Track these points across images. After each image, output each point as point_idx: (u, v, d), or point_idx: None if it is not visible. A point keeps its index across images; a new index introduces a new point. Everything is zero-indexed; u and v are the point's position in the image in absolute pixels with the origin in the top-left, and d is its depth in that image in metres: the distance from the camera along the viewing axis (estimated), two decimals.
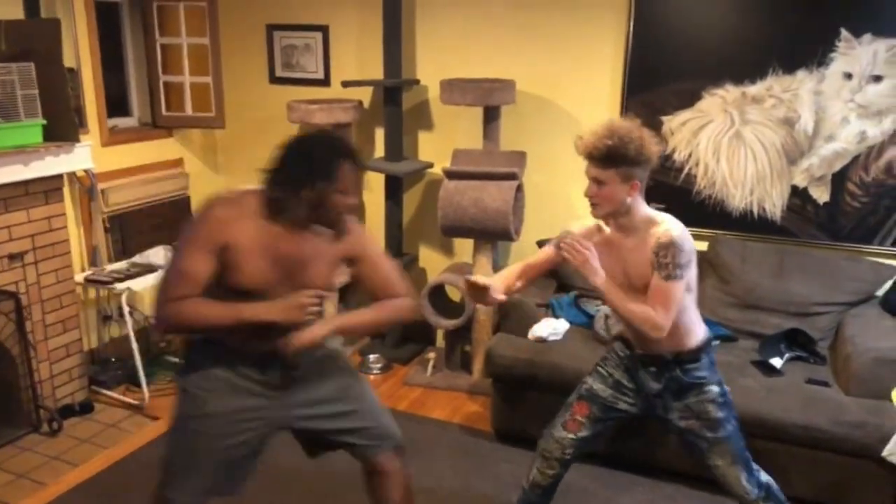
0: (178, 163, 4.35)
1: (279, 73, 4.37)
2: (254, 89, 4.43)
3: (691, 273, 2.13)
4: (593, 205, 2.15)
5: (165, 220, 4.18)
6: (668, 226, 2.10)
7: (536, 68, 3.77)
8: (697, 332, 2.23)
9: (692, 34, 3.43)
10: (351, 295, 4.02)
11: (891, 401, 2.71)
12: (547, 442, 2.40)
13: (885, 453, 2.61)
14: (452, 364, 3.92)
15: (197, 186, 4.41)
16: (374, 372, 3.97)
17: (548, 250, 2.34)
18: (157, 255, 3.74)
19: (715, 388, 2.22)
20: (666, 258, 2.06)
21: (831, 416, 2.68)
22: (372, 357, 4.04)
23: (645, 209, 2.17)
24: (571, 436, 2.36)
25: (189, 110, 4.23)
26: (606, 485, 2.95)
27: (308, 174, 1.88)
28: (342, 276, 2.30)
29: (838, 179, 3.33)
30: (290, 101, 3.94)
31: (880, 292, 3.23)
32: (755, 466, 2.29)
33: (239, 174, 4.58)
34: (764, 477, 2.30)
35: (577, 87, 3.70)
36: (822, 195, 3.38)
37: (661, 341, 2.15)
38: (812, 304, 3.21)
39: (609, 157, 2.07)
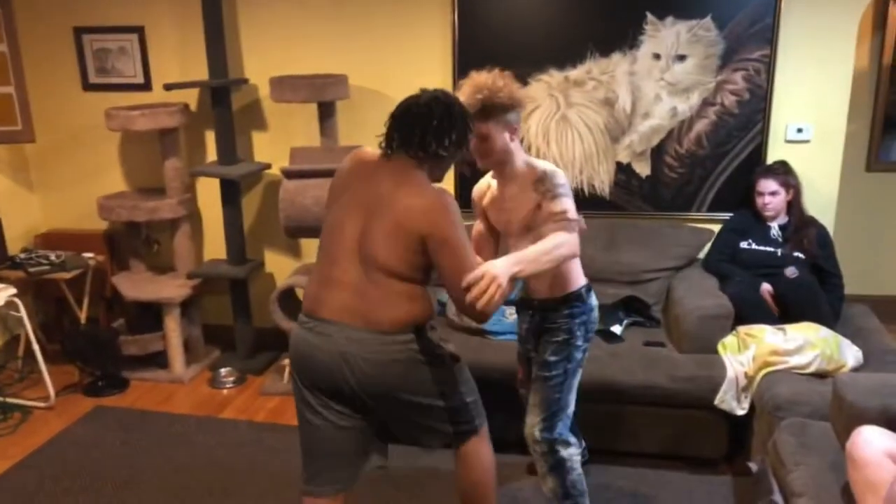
0: None
1: (93, 79, 4.06)
2: (66, 98, 4.09)
3: (570, 197, 2.18)
4: (481, 158, 2.23)
5: None
6: (541, 164, 2.23)
7: (367, 62, 3.75)
8: (570, 282, 2.34)
9: (513, 23, 3.55)
10: None
11: (717, 353, 2.96)
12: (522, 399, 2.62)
13: (716, 401, 2.84)
14: None
15: (8, 207, 4.01)
16: (228, 386, 3.81)
17: (479, 223, 2.51)
18: None
19: (561, 335, 2.34)
20: (544, 185, 2.17)
21: (668, 373, 2.89)
22: (223, 371, 3.87)
23: (524, 155, 2.27)
24: (527, 391, 2.51)
25: None
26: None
27: (462, 129, 2.03)
28: None
29: (657, 153, 3.59)
30: (109, 109, 3.67)
31: (701, 255, 3.51)
32: (561, 431, 2.32)
33: (58, 189, 4.22)
34: (565, 443, 2.32)
35: (408, 79, 3.72)
36: (644, 169, 3.62)
37: (539, 286, 2.35)
38: (643, 271, 3.43)
39: (485, 110, 2.13)
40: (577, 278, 2.37)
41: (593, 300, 2.42)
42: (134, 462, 3.11)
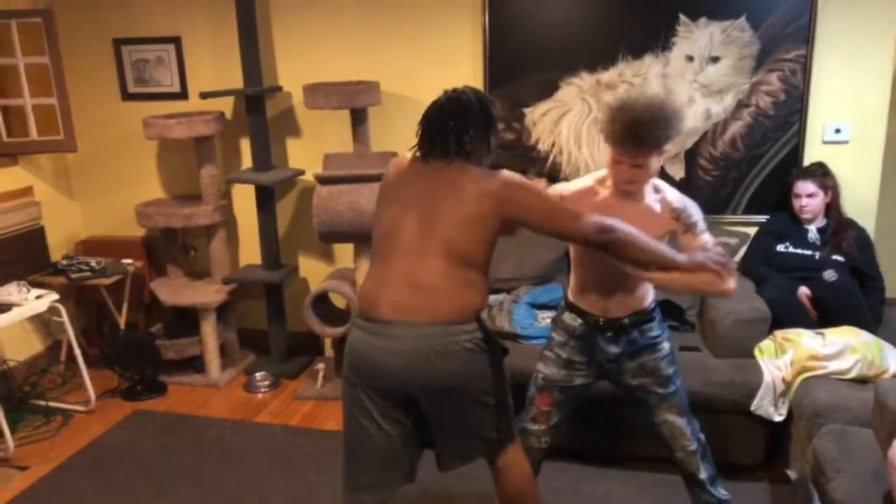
0: (27, 191, 4.05)
1: (132, 88, 4.15)
2: (105, 107, 4.19)
3: None
4: (627, 184, 2.15)
5: (18, 253, 3.88)
6: (672, 192, 2.23)
7: (399, 68, 3.78)
8: (651, 290, 2.33)
9: (545, 26, 3.55)
10: None
11: (753, 357, 2.91)
12: (524, 438, 2.40)
13: (753, 407, 2.80)
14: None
15: (51, 215, 4.12)
16: (262, 390, 3.85)
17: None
18: (10, 291, 3.46)
19: (666, 346, 2.34)
20: (690, 217, 2.20)
21: (703, 378, 2.85)
22: (258, 375, 3.92)
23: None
24: (543, 427, 2.42)
25: (34, 134, 3.93)
26: (578, 479, 2.94)
27: (490, 125, 2.08)
28: None
29: (691, 156, 3.55)
30: (146, 117, 3.75)
31: (737, 258, 3.46)
32: (697, 422, 2.42)
33: (97, 197, 4.33)
34: (702, 434, 2.43)
35: (440, 84, 3.65)
36: (678, 172, 3.58)
37: (626, 303, 2.27)
38: None
39: (653, 146, 2.07)
40: (651, 286, 2.35)
41: None
42: (171, 465, 3.16)
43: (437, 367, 1.97)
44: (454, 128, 2.04)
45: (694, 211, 2.23)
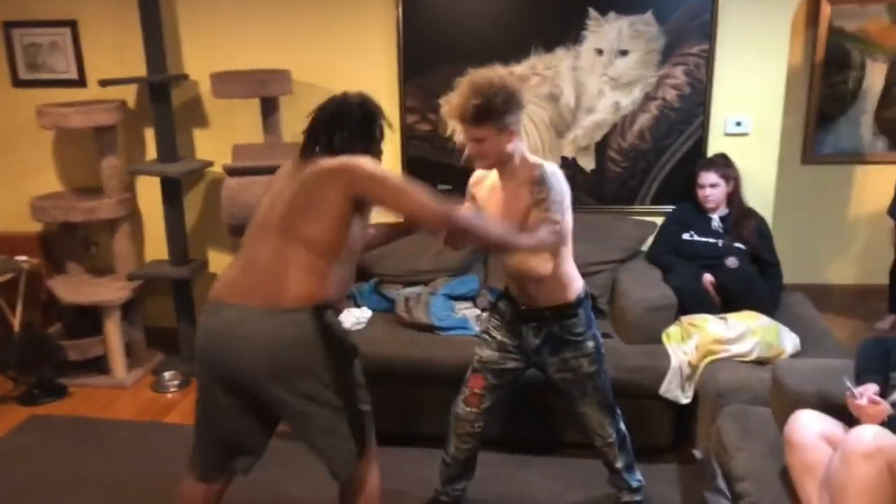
0: None
1: (23, 74, 3.91)
2: None
3: (568, 217, 2.21)
4: (476, 160, 2.22)
5: None
6: (547, 169, 2.18)
7: (312, 56, 3.70)
8: (575, 285, 2.34)
9: (459, 18, 3.55)
10: None
11: (661, 343, 3.01)
12: (456, 421, 2.49)
13: (661, 391, 2.89)
14: None
15: None
16: (172, 390, 3.71)
17: (468, 204, 2.40)
18: None
19: (590, 344, 2.35)
20: (541, 193, 2.13)
21: (615, 364, 2.90)
22: (167, 374, 3.77)
23: (526, 154, 2.24)
24: (475, 410, 2.45)
25: None
26: (514, 467, 2.95)
27: (375, 133, 2.09)
28: None
29: (601, 148, 3.63)
30: (41, 106, 3.54)
31: (645, 247, 3.57)
32: (618, 413, 2.49)
33: None
34: (623, 427, 2.50)
35: (354, 74, 3.68)
36: (588, 164, 3.66)
37: (541, 293, 2.26)
38: (589, 263, 3.44)
39: (480, 116, 2.09)
40: (579, 277, 2.38)
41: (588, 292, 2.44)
42: (74, 471, 3.00)
43: (252, 351, 1.92)
44: (327, 131, 2.05)
45: (549, 190, 2.14)
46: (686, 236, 3.38)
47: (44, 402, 3.58)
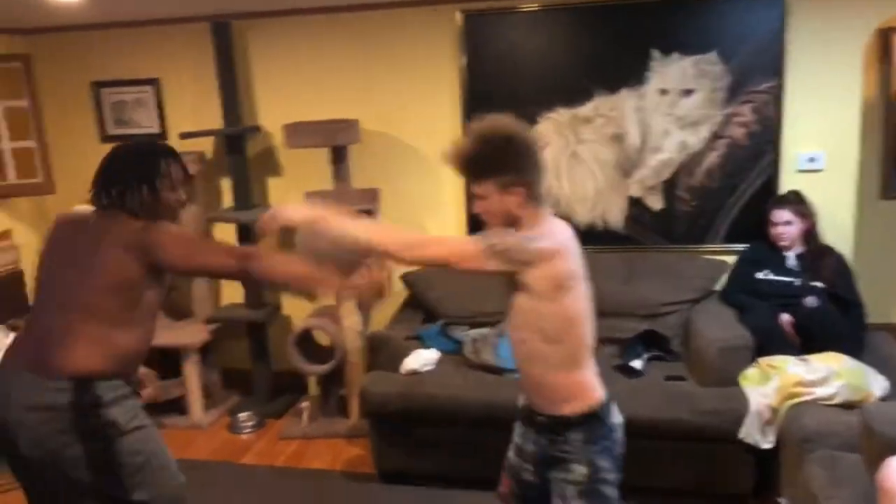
0: (6, 235, 4.00)
1: (111, 130, 4.15)
2: (84, 149, 4.16)
3: (577, 295, 1.82)
4: (485, 221, 1.84)
5: None
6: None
7: (379, 106, 3.82)
8: (580, 400, 1.83)
9: (521, 63, 3.61)
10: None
11: (739, 385, 2.92)
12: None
13: (740, 435, 2.80)
14: (329, 410, 3.82)
15: (30, 258, 4.07)
16: (247, 430, 3.80)
17: None
18: None
19: (581, 469, 1.81)
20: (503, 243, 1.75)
21: (690, 408, 2.85)
22: (242, 415, 3.86)
23: (543, 218, 1.82)
24: None
25: (12, 177, 3.91)
26: None
27: (142, 176, 1.97)
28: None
29: (668, 187, 3.60)
30: None
31: (718, 286, 3.49)
32: None
33: None
34: None
35: (419, 121, 3.78)
36: (656, 203, 3.63)
37: (536, 394, 1.87)
38: (661, 304, 3.42)
39: (474, 168, 1.80)
40: (593, 389, 1.85)
41: (616, 416, 1.88)
42: None
43: (20, 423, 1.84)
44: (108, 180, 1.99)
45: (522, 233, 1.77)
46: (760, 275, 3.30)
47: None
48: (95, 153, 4.12)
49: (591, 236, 3.67)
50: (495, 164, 1.76)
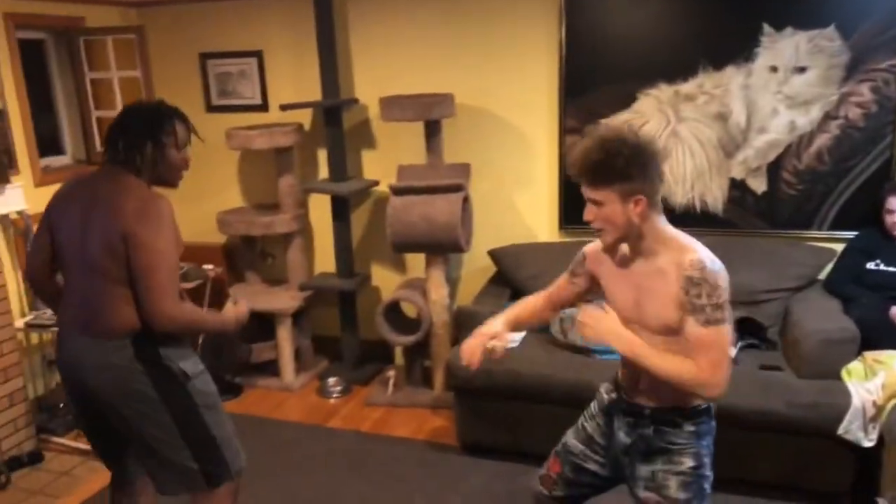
0: None
1: (215, 101, 4.31)
2: (191, 119, 4.34)
3: (730, 319, 1.73)
4: (598, 230, 1.81)
5: None
6: (699, 255, 1.72)
7: (474, 80, 3.80)
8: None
9: (623, 37, 3.51)
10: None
11: (840, 379, 2.78)
12: (533, 495, 2.15)
13: (840, 431, 2.67)
14: (413, 380, 3.89)
15: None
16: (335, 395, 3.92)
17: (564, 279, 2.10)
18: None
19: (688, 462, 1.83)
20: (700, 298, 1.68)
21: (786, 400, 2.74)
22: (331, 380, 3.99)
23: (665, 230, 1.78)
24: (546, 492, 2.10)
25: None
26: None
27: (148, 132, 2.01)
28: None
29: (774, 169, 3.43)
30: (229, 129, 3.88)
31: (822, 275, 3.33)
32: None
33: (181, 205, 4.41)
34: None
35: (515, 96, 3.74)
36: (759, 185, 3.47)
37: (655, 390, 1.83)
38: (759, 291, 3.29)
39: (599, 175, 1.73)
40: None
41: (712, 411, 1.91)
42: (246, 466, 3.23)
43: (94, 380, 1.99)
44: (117, 136, 2.03)
45: (715, 291, 1.69)
46: (871, 265, 3.12)
47: (223, 400, 3.88)
48: (200, 123, 4.24)
49: (687, 218, 3.55)
50: (622, 172, 1.71)
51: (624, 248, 1.85)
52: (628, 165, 1.70)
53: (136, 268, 1.91)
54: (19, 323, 3.45)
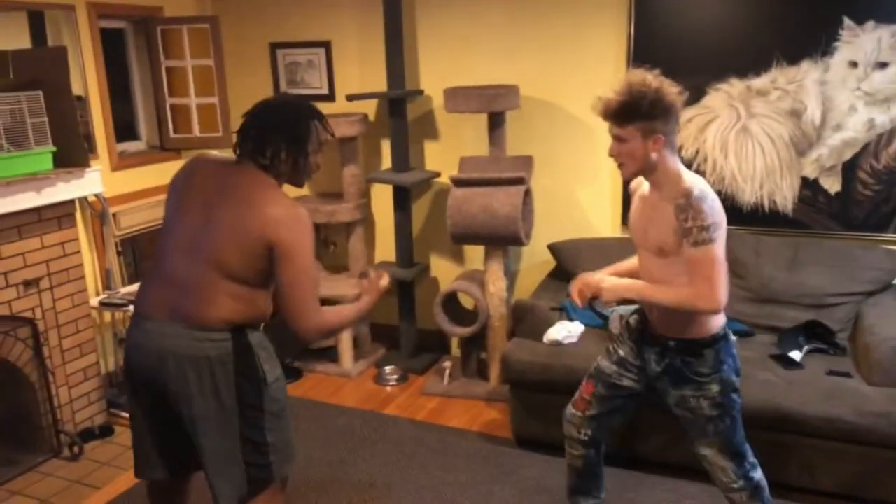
0: None
1: (284, 90, 4.40)
2: None
3: (719, 241, 1.96)
4: (619, 164, 2.08)
5: None
6: (688, 185, 1.99)
7: (539, 72, 3.78)
8: (709, 322, 2.10)
9: (693, 30, 3.43)
10: None
11: None
12: (565, 424, 2.43)
13: None
14: (469, 372, 3.91)
15: None
16: (391, 383, 3.97)
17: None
18: None
19: (715, 388, 2.12)
20: (687, 221, 1.95)
21: (854, 407, 2.65)
22: (388, 368, 4.04)
23: (675, 166, 2.05)
24: (580, 413, 2.37)
25: (196, 132, 4.26)
26: (627, 486, 2.92)
27: (294, 140, 1.99)
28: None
29: (849, 168, 3.31)
30: None
31: None
32: (750, 461, 2.22)
33: None
34: (756, 475, 2.22)
35: (581, 89, 3.70)
36: (833, 185, 3.35)
37: (665, 322, 2.13)
38: (828, 295, 3.18)
39: (624, 113, 2.00)
40: (719, 315, 2.11)
41: (729, 330, 2.18)
42: (302, 449, 3.31)
43: (177, 368, 1.93)
44: (261, 136, 1.98)
45: (701, 215, 1.93)
46: None
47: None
48: None
49: (754, 217, 3.46)
50: (644, 110, 1.97)
51: (645, 184, 2.15)
52: (652, 107, 1.97)
53: (284, 281, 1.90)
54: (94, 301, 3.60)
